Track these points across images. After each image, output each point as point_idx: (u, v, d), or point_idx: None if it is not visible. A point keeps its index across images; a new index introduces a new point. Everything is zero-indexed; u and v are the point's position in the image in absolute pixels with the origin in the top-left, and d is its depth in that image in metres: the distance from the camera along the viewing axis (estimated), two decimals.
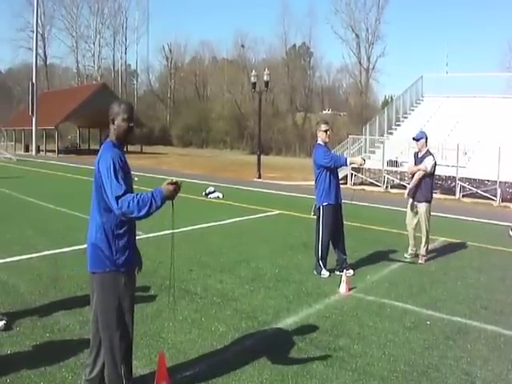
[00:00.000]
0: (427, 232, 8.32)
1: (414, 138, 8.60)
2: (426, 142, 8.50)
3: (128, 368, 3.43)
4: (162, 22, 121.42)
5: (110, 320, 3.33)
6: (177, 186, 3.11)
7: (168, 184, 3.10)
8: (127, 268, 3.40)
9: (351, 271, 7.22)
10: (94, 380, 3.52)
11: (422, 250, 8.32)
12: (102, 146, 3.42)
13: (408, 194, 8.50)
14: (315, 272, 7.21)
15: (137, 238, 3.54)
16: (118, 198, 3.07)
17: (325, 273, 7.08)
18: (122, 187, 3.13)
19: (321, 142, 7.24)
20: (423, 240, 8.31)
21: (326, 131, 7.20)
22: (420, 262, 8.25)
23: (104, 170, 3.20)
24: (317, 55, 69.14)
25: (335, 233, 7.25)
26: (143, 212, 3.06)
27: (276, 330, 5.10)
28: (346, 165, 7.43)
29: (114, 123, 3.39)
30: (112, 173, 3.17)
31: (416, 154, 8.58)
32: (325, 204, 7.15)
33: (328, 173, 7.14)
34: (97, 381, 3.51)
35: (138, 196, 3.06)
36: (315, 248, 7.28)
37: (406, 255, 8.46)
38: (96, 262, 3.34)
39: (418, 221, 8.44)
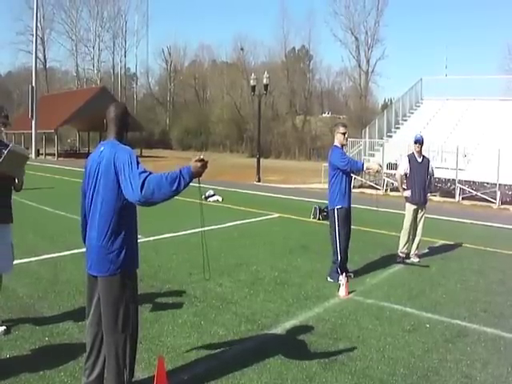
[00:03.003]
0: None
1: (418, 141, 8.49)
2: None
3: (131, 372, 3.43)
4: (162, 26, 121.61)
5: (116, 323, 3.32)
6: (204, 163, 3.05)
7: (196, 161, 3.04)
8: (134, 269, 3.42)
9: (351, 274, 7.20)
10: (93, 382, 3.51)
11: (416, 250, 8.53)
12: (108, 144, 3.40)
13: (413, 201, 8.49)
14: (329, 279, 7.01)
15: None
16: (143, 182, 2.99)
17: (342, 279, 6.64)
18: (146, 170, 3.10)
19: (338, 144, 7.14)
20: (419, 240, 8.53)
21: (344, 134, 7.11)
22: (418, 260, 8.38)
23: (123, 163, 3.17)
24: (316, 58, 69.38)
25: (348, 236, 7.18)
26: (173, 188, 2.98)
27: (275, 334, 5.09)
28: (363, 169, 7.35)
29: (126, 124, 3.52)
30: (134, 162, 3.16)
31: (414, 158, 8.53)
32: (339, 207, 7.02)
33: (344, 176, 7.02)
34: (96, 383, 3.51)
35: (165, 174, 3.01)
36: (334, 254, 7.06)
37: (404, 259, 8.43)
38: (104, 266, 3.30)
39: (414, 223, 8.53)
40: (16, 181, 4.87)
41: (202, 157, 3.05)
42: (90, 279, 3.46)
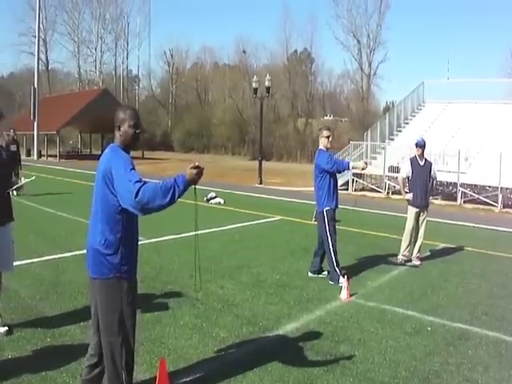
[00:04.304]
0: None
1: (419, 145, 8.54)
2: None
3: (129, 374, 3.42)
4: (164, 28, 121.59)
5: (111, 326, 3.32)
6: (200, 170, 3.00)
7: (191, 168, 3.00)
8: (130, 274, 3.40)
9: (326, 272, 7.31)
10: (91, 381, 3.50)
11: (418, 253, 8.51)
12: (109, 149, 3.38)
13: (415, 204, 8.49)
14: (331, 282, 7.02)
15: (138, 243, 3.53)
16: (137, 191, 2.95)
17: (342, 281, 6.71)
18: (142, 179, 3.05)
19: (323, 148, 7.24)
20: (421, 243, 8.51)
21: (327, 137, 7.21)
22: (420, 263, 8.39)
23: (118, 168, 3.14)
24: (318, 61, 69.03)
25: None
26: (167, 198, 2.94)
27: (277, 336, 5.09)
28: (349, 168, 7.39)
29: (120, 129, 3.36)
30: (129, 168, 3.13)
31: (416, 161, 8.55)
32: (327, 209, 7.10)
33: (331, 178, 7.13)
34: (94, 382, 3.50)
35: (160, 183, 2.96)
36: (328, 257, 7.09)
37: (399, 261, 8.46)
38: (99, 268, 3.30)
39: (416, 226, 8.54)
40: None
41: (197, 164, 3.01)
42: (90, 280, 3.46)
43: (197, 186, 3.16)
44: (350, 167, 7.32)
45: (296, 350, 4.76)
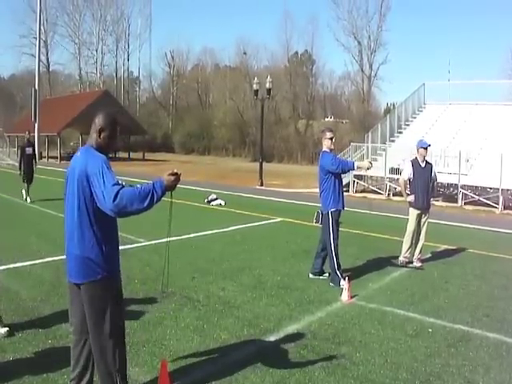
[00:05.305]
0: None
1: (424, 146, 8.51)
2: None
3: (123, 378, 3.39)
4: (165, 29, 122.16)
5: (102, 328, 3.29)
6: (178, 177, 3.08)
7: (169, 175, 3.06)
8: (116, 273, 3.39)
9: (327, 274, 7.31)
10: None
11: (419, 255, 8.52)
12: (83, 150, 3.38)
13: (417, 206, 8.49)
14: (332, 284, 7.02)
15: (139, 245, 3.54)
16: (116, 194, 2.96)
17: (343, 283, 6.72)
18: (119, 182, 3.07)
19: (326, 149, 7.24)
20: (422, 244, 8.53)
21: (331, 138, 7.21)
22: (421, 265, 8.38)
23: (96, 171, 3.12)
24: (319, 63, 69.05)
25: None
26: (145, 203, 2.98)
27: (278, 338, 5.09)
28: (354, 168, 7.45)
29: (100, 134, 3.36)
30: (106, 171, 3.12)
31: (417, 163, 8.53)
32: (333, 210, 7.09)
33: (336, 179, 7.13)
34: None
35: (138, 188, 3.00)
36: (330, 259, 7.11)
37: (400, 263, 8.45)
38: (85, 272, 3.25)
39: (417, 228, 8.54)
40: None
41: (175, 171, 3.09)
42: (71, 287, 3.41)
43: (198, 188, 3.18)
44: (355, 167, 7.37)
45: (297, 351, 4.76)
